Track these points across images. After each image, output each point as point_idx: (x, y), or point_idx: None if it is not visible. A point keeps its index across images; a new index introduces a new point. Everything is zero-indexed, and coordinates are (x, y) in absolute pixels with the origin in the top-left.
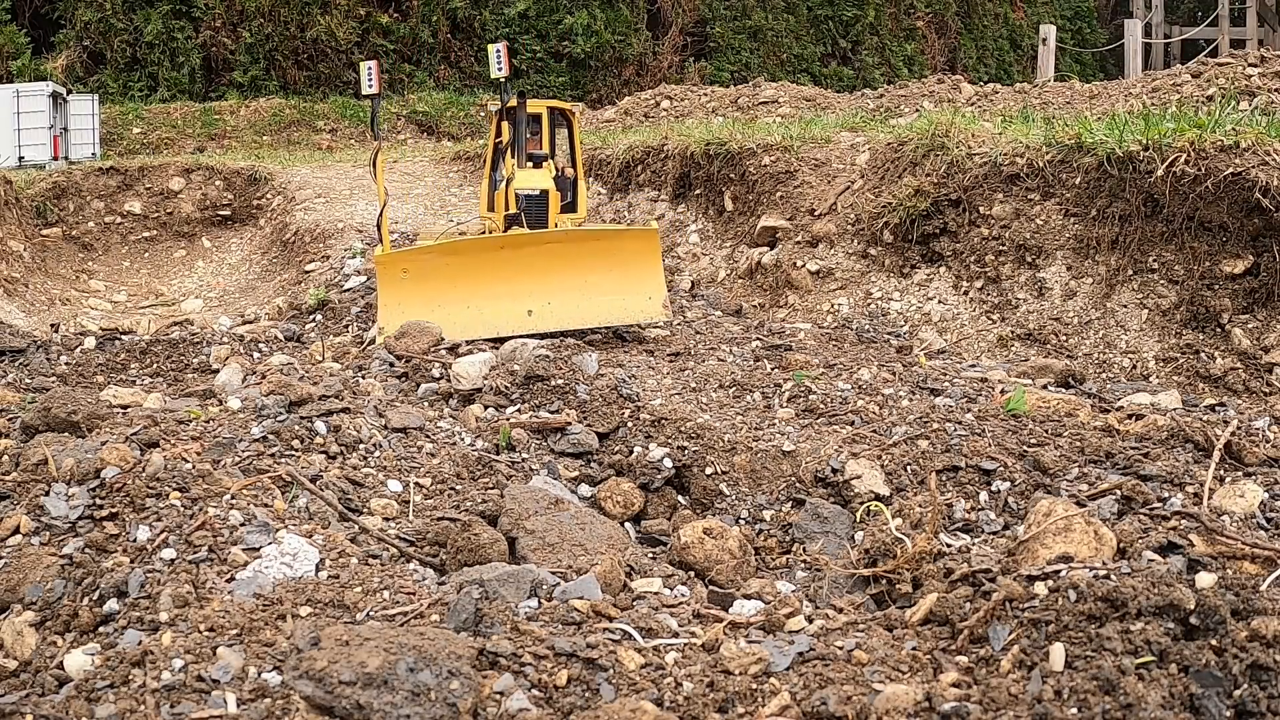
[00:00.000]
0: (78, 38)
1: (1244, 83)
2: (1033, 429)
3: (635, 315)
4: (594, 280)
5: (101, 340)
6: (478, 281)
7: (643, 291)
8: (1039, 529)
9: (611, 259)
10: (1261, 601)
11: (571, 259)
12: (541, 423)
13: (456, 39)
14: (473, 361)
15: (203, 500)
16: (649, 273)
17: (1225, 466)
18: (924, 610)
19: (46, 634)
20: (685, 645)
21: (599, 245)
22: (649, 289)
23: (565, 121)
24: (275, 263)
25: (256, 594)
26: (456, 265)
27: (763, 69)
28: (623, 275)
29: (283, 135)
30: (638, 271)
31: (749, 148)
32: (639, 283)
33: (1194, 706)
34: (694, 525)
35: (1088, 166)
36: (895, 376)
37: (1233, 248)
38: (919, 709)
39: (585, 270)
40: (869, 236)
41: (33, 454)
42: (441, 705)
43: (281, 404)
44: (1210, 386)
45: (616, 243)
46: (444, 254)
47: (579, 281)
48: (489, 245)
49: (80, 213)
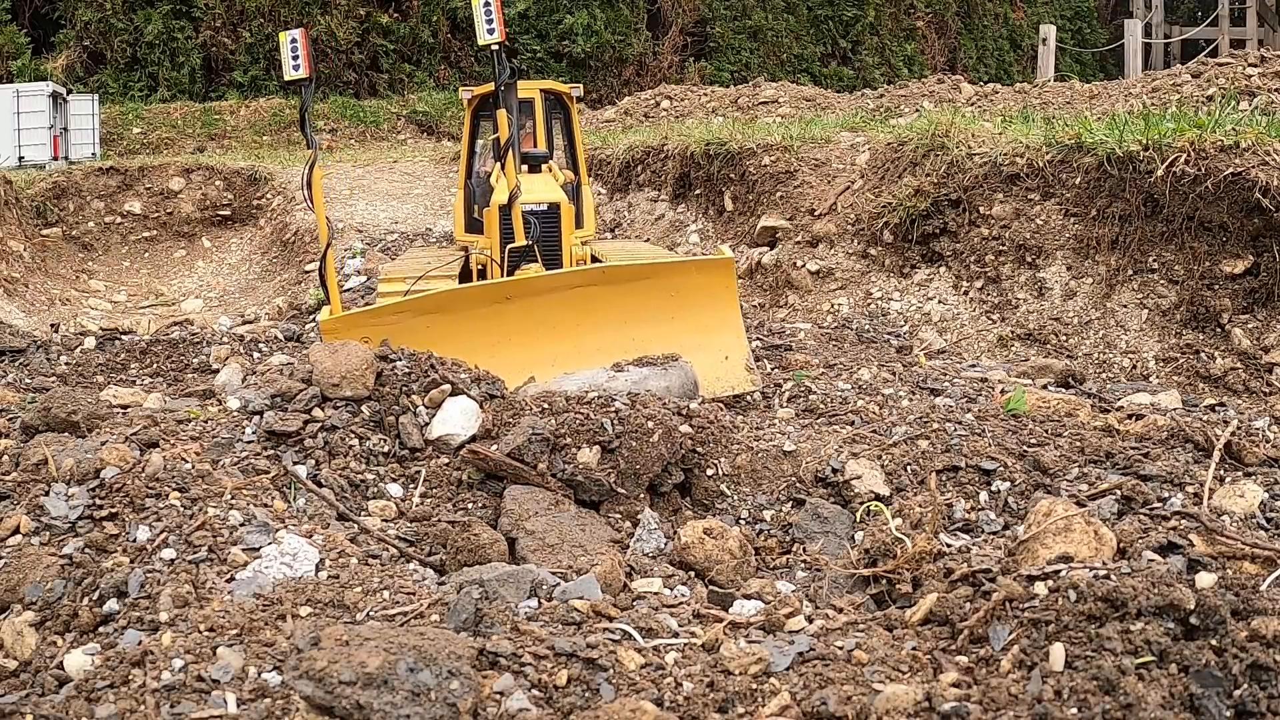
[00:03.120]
0: (78, 38)
1: (1244, 83)
2: (1033, 429)
3: (711, 386)
4: (646, 338)
5: (101, 340)
6: (474, 350)
7: (717, 349)
8: (1039, 529)
9: (671, 304)
10: (1261, 601)
11: (612, 309)
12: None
13: (456, 39)
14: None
15: (202, 500)
16: (724, 320)
17: (1225, 466)
18: (924, 610)
19: (46, 634)
20: (685, 645)
21: (652, 285)
22: (726, 344)
23: (562, 109)
24: (275, 263)
25: (256, 594)
26: (441, 328)
27: (763, 69)
28: (687, 327)
29: (283, 135)
30: (708, 320)
31: (749, 148)
32: (711, 336)
33: (1194, 706)
34: (694, 525)
35: (1088, 166)
36: (895, 376)
37: (1233, 248)
38: (919, 709)
39: (633, 323)
40: (869, 236)
41: (33, 454)
42: (441, 705)
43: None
44: (1210, 386)
45: (677, 279)
46: (421, 311)
47: (624, 341)
48: (488, 295)
49: (80, 213)
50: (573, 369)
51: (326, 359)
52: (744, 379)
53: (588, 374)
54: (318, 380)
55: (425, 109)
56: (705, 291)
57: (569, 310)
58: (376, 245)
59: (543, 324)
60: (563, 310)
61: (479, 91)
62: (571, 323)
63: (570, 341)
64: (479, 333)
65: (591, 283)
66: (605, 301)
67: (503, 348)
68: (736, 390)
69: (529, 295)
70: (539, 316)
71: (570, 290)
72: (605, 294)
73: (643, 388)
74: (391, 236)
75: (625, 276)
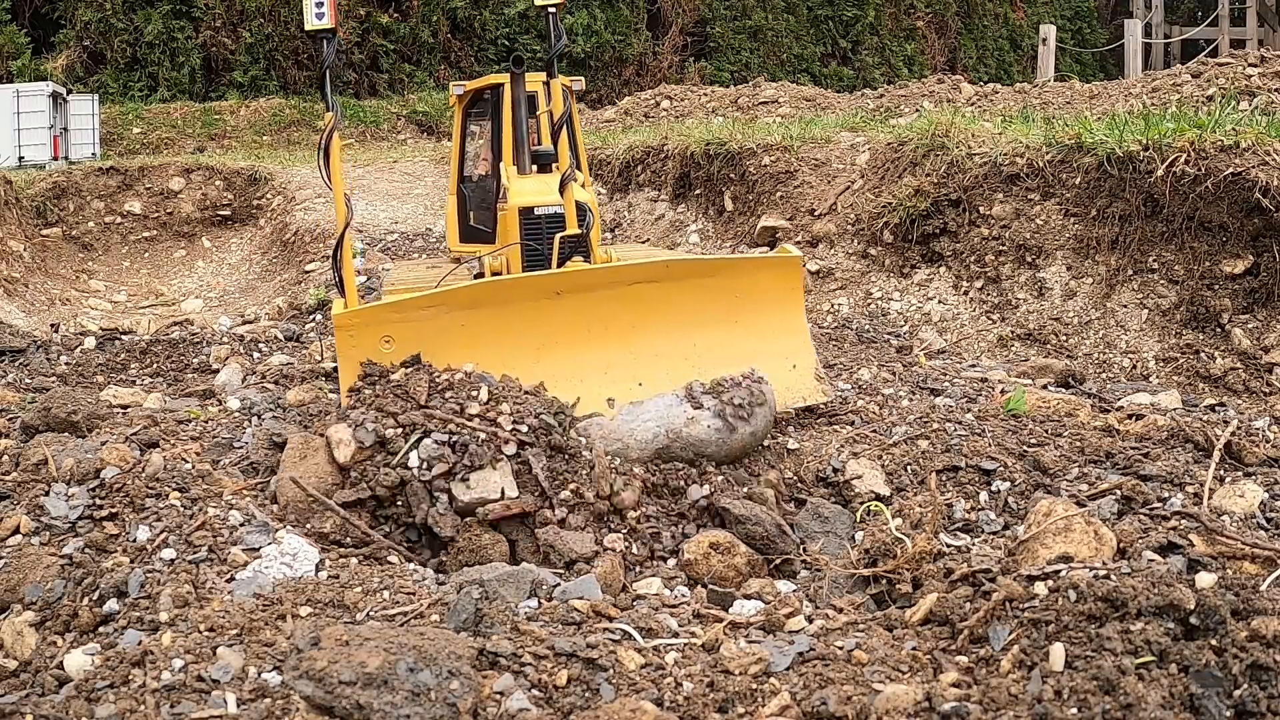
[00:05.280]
0: (78, 38)
1: (1244, 83)
2: (1033, 429)
3: (781, 397)
4: (707, 343)
5: (101, 340)
6: (515, 353)
7: (783, 356)
8: (1039, 529)
9: (734, 306)
10: (1261, 601)
11: (671, 309)
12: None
13: (456, 39)
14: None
15: (202, 500)
16: (790, 325)
17: (1225, 466)
18: (924, 610)
19: (46, 634)
20: (685, 645)
21: (715, 285)
22: (792, 351)
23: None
24: (275, 263)
25: (256, 594)
26: (478, 326)
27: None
28: (751, 332)
29: (283, 135)
30: (774, 324)
31: (749, 148)
32: (776, 342)
33: (1194, 706)
34: (699, 540)
35: (1088, 166)
36: (895, 376)
37: (1233, 248)
38: (919, 709)
39: (693, 326)
40: (869, 236)
41: (33, 454)
42: (441, 705)
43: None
44: (1210, 386)
45: (743, 279)
46: (456, 305)
47: (685, 346)
48: (536, 288)
49: (80, 213)
50: (627, 381)
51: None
52: (814, 389)
53: (660, 407)
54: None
55: (425, 109)
56: (770, 293)
57: (625, 309)
58: (376, 245)
59: (595, 324)
60: (618, 309)
61: (472, 87)
62: (627, 323)
63: (625, 346)
64: (523, 333)
65: (652, 279)
66: (664, 300)
67: (549, 351)
68: (808, 401)
69: (581, 290)
70: (591, 315)
71: (628, 286)
72: (664, 292)
73: (726, 439)
74: (391, 236)
75: (688, 273)
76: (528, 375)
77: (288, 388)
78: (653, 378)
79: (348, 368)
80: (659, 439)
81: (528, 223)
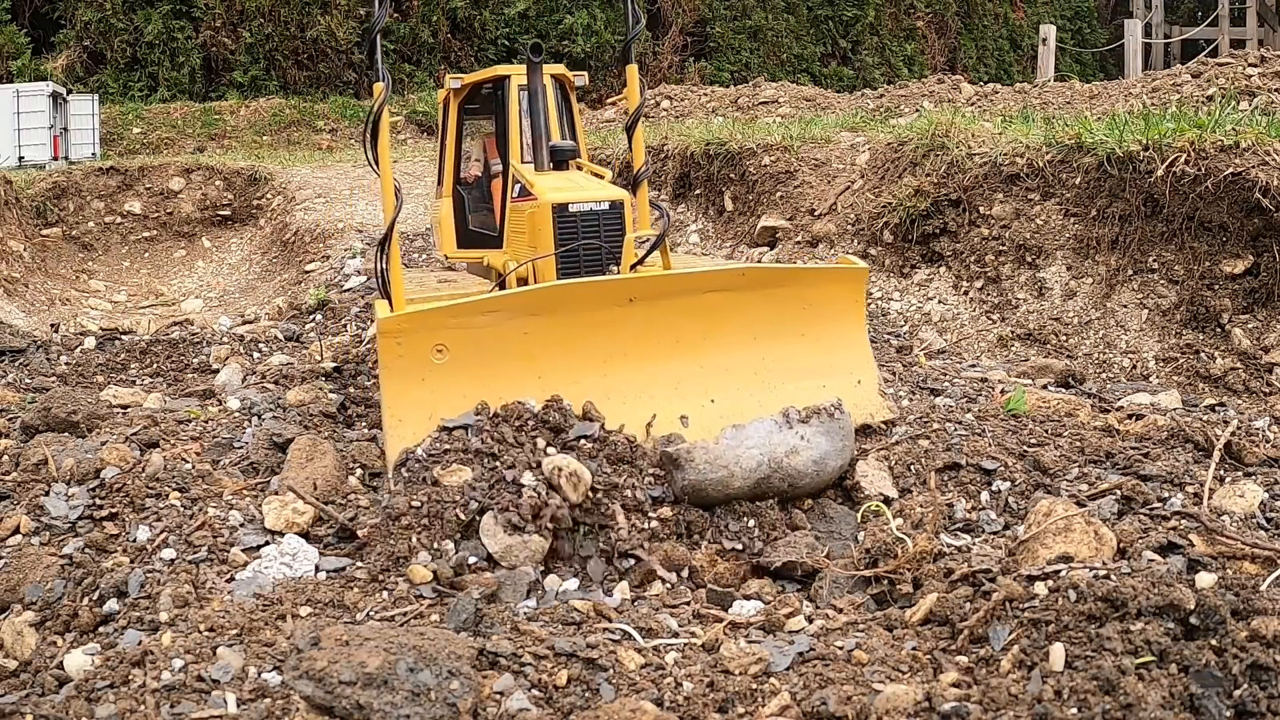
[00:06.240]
0: (78, 38)
1: (1244, 83)
2: (1033, 429)
3: (849, 414)
4: (776, 357)
5: (101, 340)
6: (582, 366)
7: (847, 371)
8: (1039, 529)
9: (802, 318)
10: (1261, 601)
11: (743, 320)
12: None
13: (456, 39)
14: None
15: (203, 500)
16: (853, 339)
17: (1225, 466)
18: (924, 610)
19: (46, 634)
20: (685, 645)
21: (786, 295)
22: (856, 366)
23: (563, 97)
24: (275, 263)
25: (256, 594)
26: (543, 335)
27: (763, 69)
28: (817, 346)
29: (283, 135)
30: (837, 338)
31: (749, 148)
32: (840, 356)
33: (1194, 706)
34: (707, 550)
35: (1088, 166)
36: (895, 376)
37: (1233, 248)
38: (919, 709)
39: (763, 339)
40: (869, 236)
41: (33, 454)
42: (441, 705)
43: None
44: (1210, 386)
45: (811, 289)
46: (519, 312)
47: (754, 359)
48: (608, 294)
49: (80, 213)
50: (699, 396)
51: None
52: (881, 405)
53: (761, 434)
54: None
55: (425, 109)
56: (835, 304)
57: (698, 319)
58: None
59: (666, 335)
60: (691, 319)
61: (470, 80)
62: (699, 334)
63: (695, 359)
64: (590, 343)
65: (726, 287)
66: (736, 311)
67: (617, 363)
68: (876, 419)
69: (654, 297)
70: (663, 325)
71: (704, 295)
72: (736, 302)
73: (820, 472)
74: None
75: (763, 281)
76: (595, 389)
77: (288, 388)
78: (724, 394)
79: (394, 381)
80: (762, 468)
81: (562, 222)
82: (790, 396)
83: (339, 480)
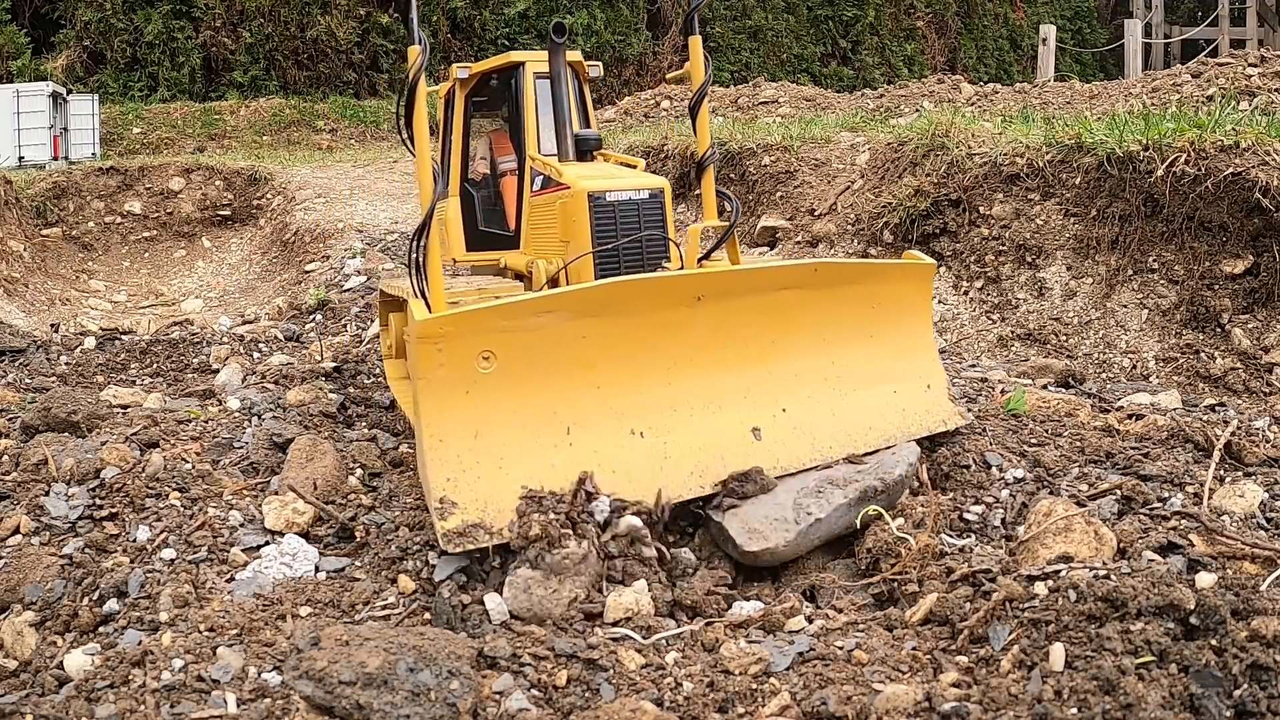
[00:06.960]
0: (78, 38)
1: (1244, 83)
2: (1033, 429)
3: (918, 422)
4: (846, 361)
5: (101, 340)
6: (644, 373)
7: (916, 376)
8: (1039, 529)
9: (870, 317)
10: (1261, 601)
11: (813, 320)
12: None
13: (456, 39)
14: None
15: (203, 500)
16: (921, 340)
17: (1225, 466)
18: (924, 610)
19: (46, 634)
20: (685, 645)
21: (856, 292)
22: (925, 369)
23: (578, 86)
24: (275, 263)
25: (256, 594)
26: (601, 338)
27: (763, 69)
28: (886, 348)
29: (283, 135)
30: (906, 339)
31: (749, 148)
32: (909, 360)
33: (1194, 706)
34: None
35: (1088, 166)
36: None
37: (1233, 248)
38: (919, 709)
39: (834, 342)
40: (869, 236)
41: (33, 454)
42: (441, 705)
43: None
44: (1210, 386)
45: (880, 286)
46: (575, 313)
47: (824, 364)
48: (674, 292)
49: (80, 213)
50: (770, 406)
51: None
52: (952, 412)
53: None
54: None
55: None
56: (903, 303)
57: (767, 320)
58: (377, 245)
59: (735, 338)
60: (760, 320)
61: (479, 69)
62: (768, 338)
63: (764, 364)
64: (654, 347)
65: (799, 284)
66: (806, 310)
67: (681, 371)
68: (948, 425)
69: (724, 296)
70: (731, 327)
71: (775, 293)
72: (807, 300)
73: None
74: (391, 236)
75: (834, 278)
76: (658, 400)
77: (288, 388)
78: (795, 402)
79: (434, 394)
80: (826, 533)
81: (599, 212)
82: (861, 403)
83: (339, 480)
